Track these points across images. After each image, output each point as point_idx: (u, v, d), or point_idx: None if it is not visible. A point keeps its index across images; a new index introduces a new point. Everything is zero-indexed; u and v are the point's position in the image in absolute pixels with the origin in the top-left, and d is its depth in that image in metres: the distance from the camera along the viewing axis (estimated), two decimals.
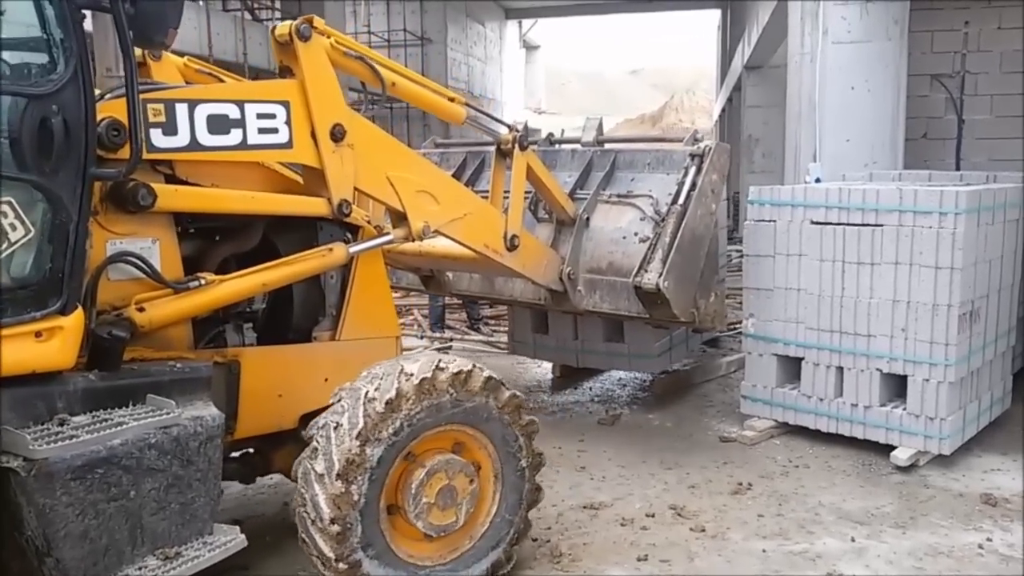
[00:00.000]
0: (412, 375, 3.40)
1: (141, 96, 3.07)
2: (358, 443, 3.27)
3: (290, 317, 3.97)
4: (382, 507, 3.42)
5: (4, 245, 2.66)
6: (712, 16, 32.07)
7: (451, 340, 9.14)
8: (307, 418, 3.83)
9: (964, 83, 8.73)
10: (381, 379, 3.41)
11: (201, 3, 14.81)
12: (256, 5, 16.72)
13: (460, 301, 9.48)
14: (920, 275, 5.08)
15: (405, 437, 3.40)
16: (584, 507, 4.68)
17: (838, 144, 8.00)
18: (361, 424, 3.29)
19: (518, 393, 3.75)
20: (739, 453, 5.52)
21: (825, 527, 4.42)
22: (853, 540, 4.26)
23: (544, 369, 7.69)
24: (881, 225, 5.21)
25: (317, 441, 3.36)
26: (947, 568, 3.99)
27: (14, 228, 2.67)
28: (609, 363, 6.94)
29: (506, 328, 7.97)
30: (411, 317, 10.34)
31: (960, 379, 5.15)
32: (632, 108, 54.08)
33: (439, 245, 5.00)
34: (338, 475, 3.24)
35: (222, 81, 4.30)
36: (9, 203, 2.65)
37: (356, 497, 3.28)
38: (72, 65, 2.73)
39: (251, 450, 4.11)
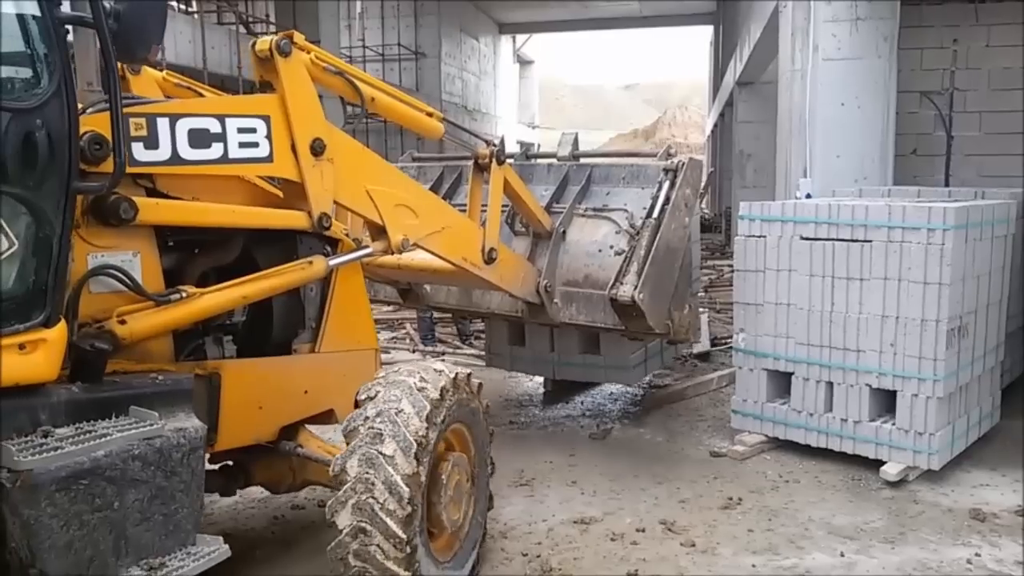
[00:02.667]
0: (443, 371, 3.71)
1: (123, 110, 3.06)
2: (425, 425, 3.46)
3: (270, 330, 3.97)
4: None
5: None
6: (705, 32, 32.33)
7: (443, 354, 9.14)
8: (286, 430, 3.90)
9: (953, 100, 8.81)
10: (420, 373, 3.65)
11: (196, 16, 14.85)
12: (251, 19, 16.78)
13: (449, 315, 9.49)
14: (909, 291, 5.11)
15: (444, 428, 3.66)
16: (574, 522, 4.68)
17: (828, 160, 8.06)
18: (428, 408, 3.49)
19: (488, 403, 4.08)
20: (729, 468, 5.52)
21: (815, 542, 4.43)
22: (842, 555, 4.27)
23: (536, 383, 7.70)
24: (870, 241, 5.24)
25: (377, 427, 3.42)
26: None
27: None
28: (585, 375, 6.90)
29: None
30: (403, 331, 10.34)
31: (949, 394, 5.18)
32: (626, 123, 54.34)
33: (417, 258, 5.04)
34: (414, 455, 3.39)
35: (201, 95, 4.30)
36: None
37: (422, 478, 3.45)
38: (56, 80, 2.75)
39: (230, 463, 4.11)
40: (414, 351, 9.31)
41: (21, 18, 2.73)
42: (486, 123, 27.71)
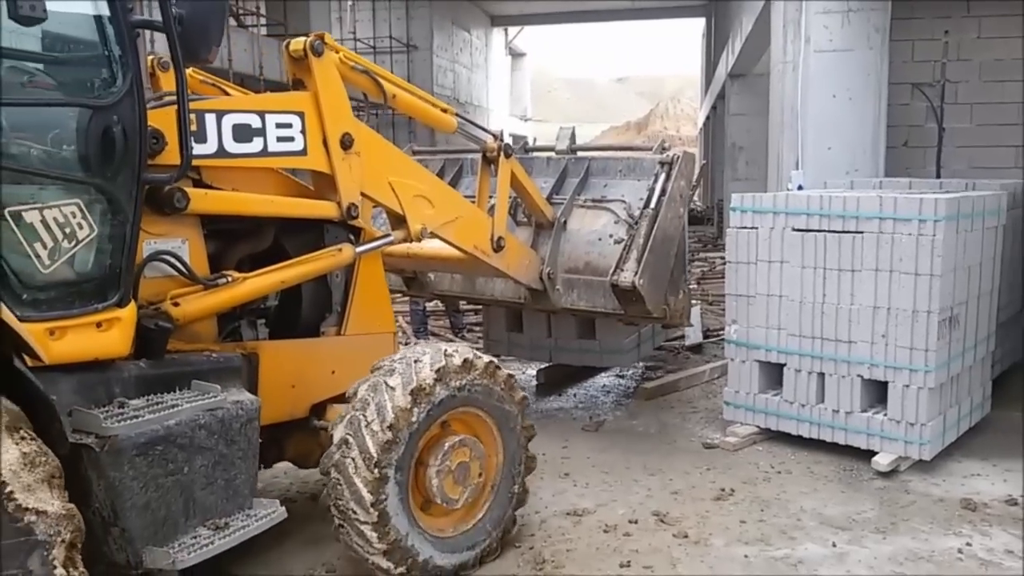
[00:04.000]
0: (454, 355, 3.87)
1: (174, 108, 3.27)
2: (434, 375, 3.71)
3: (299, 314, 4.22)
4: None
5: (72, 243, 2.93)
6: (697, 25, 32.29)
7: None
8: (316, 408, 4.17)
9: (944, 92, 8.81)
10: (452, 347, 3.95)
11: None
12: (242, 11, 16.68)
13: (443, 308, 9.49)
14: (900, 282, 5.12)
15: (450, 397, 3.82)
16: (567, 514, 4.68)
17: (820, 152, 8.07)
18: (441, 364, 3.76)
19: (511, 373, 4.20)
20: (722, 459, 5.54)
21: (807, 533, 4.44)
22: (834, 545, 4.28)
23: (528, 375, 7.70)
24: (862, 232, 5.25)
25: (393, 366, 3.73)
26: (927, 572, 4.01)
27: (80, 227, 2.95)
28: (581, 359, 7.10)
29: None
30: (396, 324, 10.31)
31: (940, 385, 5.19)
32: (618, 115, 54.32)
33: (426, 247, 5.22)
34: (411, 392, 3.62)
35: (227, 92, 4.43)
36: (76, 204, 2.93)
37: (414, 417, 3.66)
38: (129, 79, 3.01)
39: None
40: (406, 343, 9.30)
41: (100, 24, 3.00)
42: (478, 116, 27.63)
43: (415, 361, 3.75)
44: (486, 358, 4.03)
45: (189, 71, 4.29)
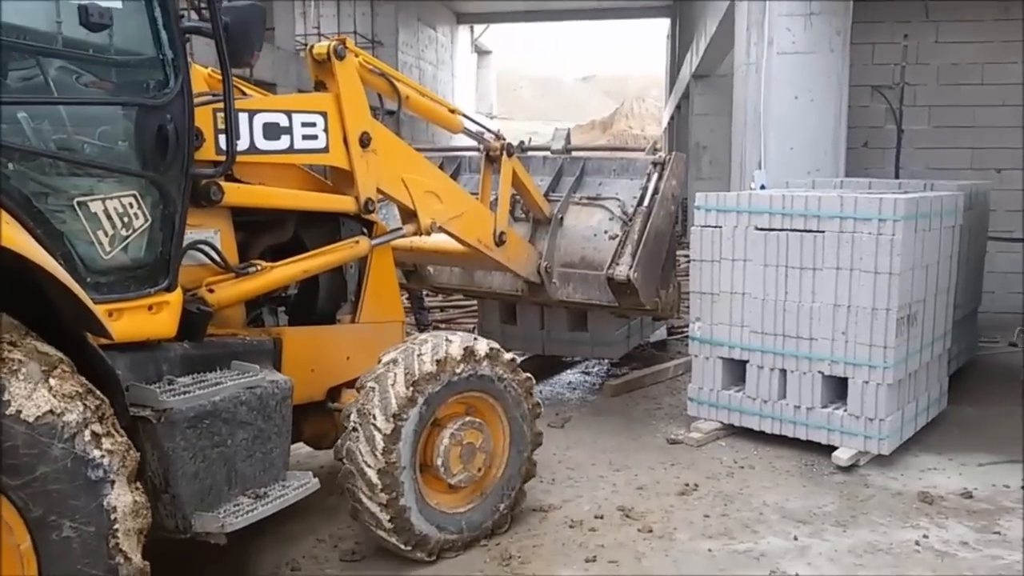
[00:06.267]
0: (454, 342, 4.07)
1: (211, 107, 3.57)
2: (410, 390, 3.86)
3: (316, 302, 4.48)
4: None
5: (129, 231, 3.17)
6: (662, 26, 32.50)
7: None
8: (332, 391, 4.41)
9: (903, 94, 8.98)
10: (453, 336, 4.15)
11: None
12: (203, 5, 16.47)
13: (409, 305, 9.45)
14: (860, 280, 5.21)
15: (447, 391, 4.02)
16: (534, 510, 4.71)
17: (782, 152, 8.17)
18: (416, 375, 3.88)
19: (515, 357, 4.43)
20: (686, 455, 5.60)
21: (769, 526, 4.51)
22: (796, 539, 4.36)
23: None
24: (823, 231, 5.34)
25: (371, 385, 3.91)
26: (886, 564, 4.10)
27: (136, 217, 3.20)
28: (573, 350, 7.49)
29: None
30: None
31: (898, 381, 5.30)
32: (583, 114, 54.49)
33: (429, 241, 5.41)
34: (392, 415, 3.81)
35: (243, 92, 4.54)
36: (133, 195, 3.18)
37: (402, 433, 3.83)
38: (180, 80, 3.26)
39: None
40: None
41: (155, 28, 3.23)
42: None
43: (417, 353, 3.94)
44: (487, 344, 4.20)
45: (208, 70, 4.45)
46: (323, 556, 4.20)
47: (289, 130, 3.98)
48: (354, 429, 3.86)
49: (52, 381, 2.63)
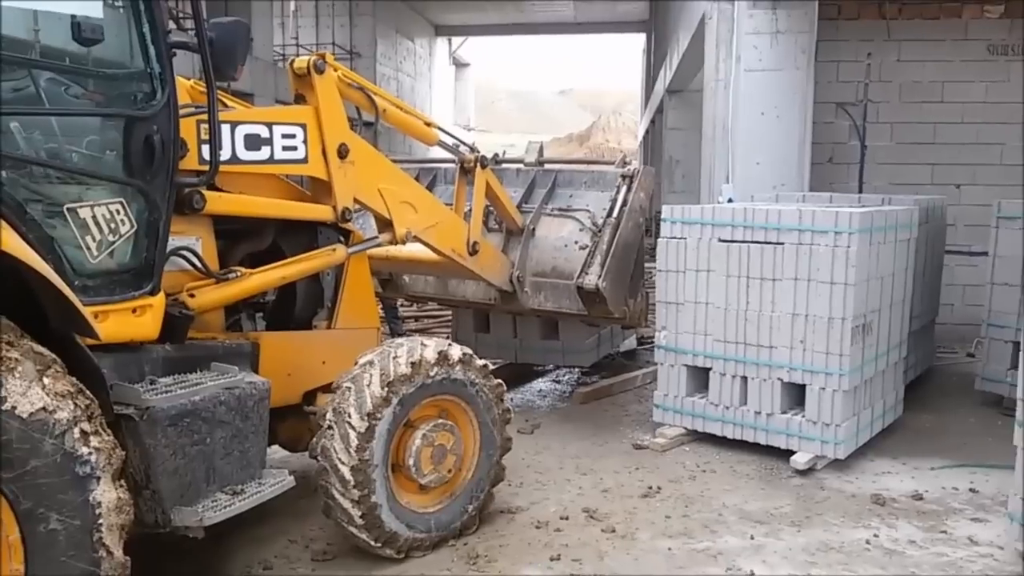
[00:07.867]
0: (429, 346, 4.21)
1: (195, 118, 3.69)
2: (385, 391, 3.98)
3: (294, 308, 4.60)
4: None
5: (116, 237, 3.29)
6: (638, 41, 32.90)
7: None
8: (308, 395, 4.51)
9: (867, 111, 9.23)
10: (428, 340, 4.29)
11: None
12: (181, 15, 16.52)
13: (383, 315, 9.56)
14: (817, 290, 5.41)
15: (419, 393, 4.14)
16: (501, 511, 4.83)
17: (749, 167, 8.41)
18: (391, 377, 4.00)
19: (487, 363, 4.55)
20: (651, 459, 5.76)
21: (727, 526, 4.67)
22: (752, 538, 4.52)
23: None
24: (782, 243, 5.53)
25: (347, 385, 4.02)
26: (837, 562, 4.27)
27: (123, 223, 3.32)
28: (545, 358, 7.64)
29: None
30: None
31: (854, 388, 5.49)
32: (560, 127, 54.84)
33: (404, 250, 5.53)
34: (367, 414, 3.92)
35: (226, 104, 4.64)
36: (120, 202, 3.32)
37: (375, 433, 3.95)
38: (167, 93, 3.38)
39: None
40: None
41: (143, 43, 3.35)
42: None
43: (392, 356, 4.07)
44: (460, 349, 4.32)
45: (191, 82, 4.57)
46: (295, 556, 4.30)
47: (270, 141, 4.10)
48: (329, 427, 3.97)
49: (46, 380, 2.76)
